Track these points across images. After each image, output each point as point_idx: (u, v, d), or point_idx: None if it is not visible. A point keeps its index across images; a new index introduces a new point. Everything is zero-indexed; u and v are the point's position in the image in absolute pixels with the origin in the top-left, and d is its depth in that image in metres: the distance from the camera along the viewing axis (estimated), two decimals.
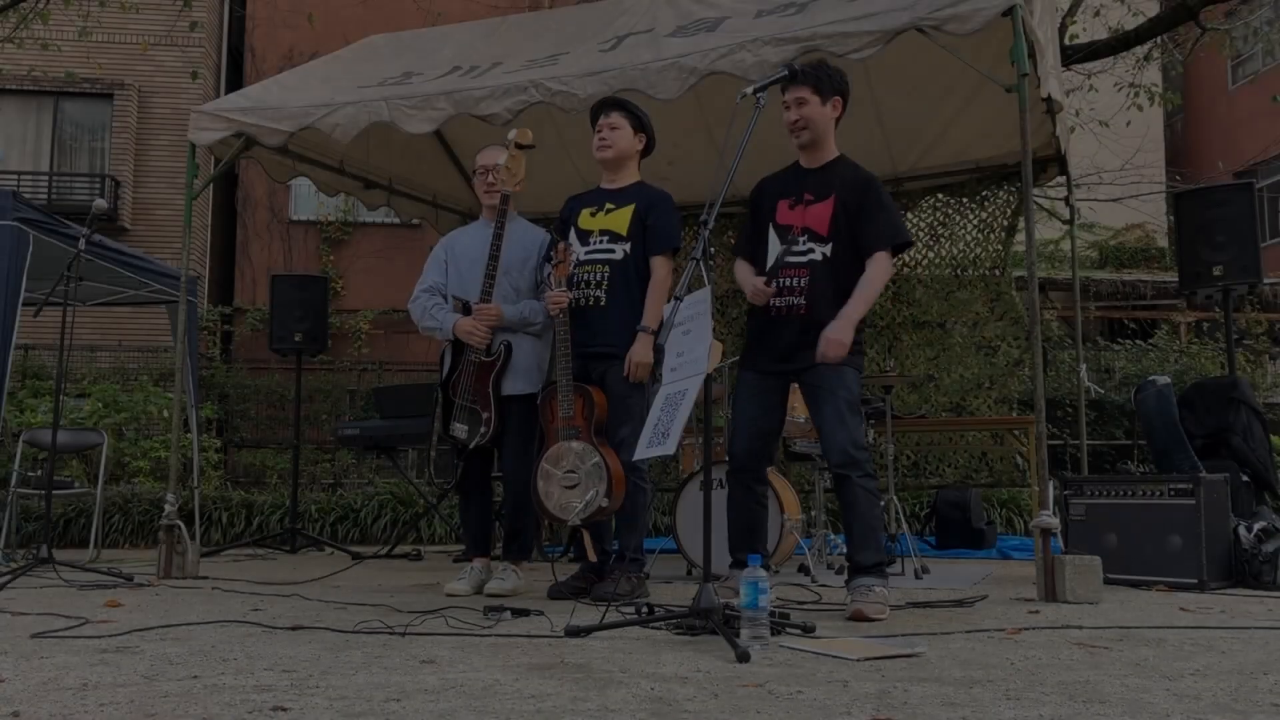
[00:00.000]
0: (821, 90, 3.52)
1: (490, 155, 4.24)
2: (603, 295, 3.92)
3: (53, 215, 5.67)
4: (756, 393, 3.60)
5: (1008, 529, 7.36)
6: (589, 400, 3.81)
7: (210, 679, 2.20)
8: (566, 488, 3.78)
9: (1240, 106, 18.70)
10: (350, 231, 14.56)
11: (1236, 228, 5.45)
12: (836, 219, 3.50)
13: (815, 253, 3.50)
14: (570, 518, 3.76)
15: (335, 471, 10.97)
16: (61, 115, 14.12)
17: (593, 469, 3.75)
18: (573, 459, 3.78)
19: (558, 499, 3.80)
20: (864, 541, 3.40)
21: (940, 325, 6.70)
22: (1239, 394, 5.12)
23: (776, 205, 3.62)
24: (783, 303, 3.53)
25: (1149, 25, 9.04)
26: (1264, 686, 2.14)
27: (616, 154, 4.01)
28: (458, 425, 4.04)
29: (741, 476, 3.61)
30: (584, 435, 3.79)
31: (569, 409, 3.80)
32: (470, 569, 4.13)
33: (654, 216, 3.95)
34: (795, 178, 3.64)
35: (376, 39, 5.87)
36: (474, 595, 4.00)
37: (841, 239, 3.49)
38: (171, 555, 4.90)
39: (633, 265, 3.94)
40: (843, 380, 3.43)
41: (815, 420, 3.51)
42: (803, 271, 3.50)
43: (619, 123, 4.01)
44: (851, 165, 3.61)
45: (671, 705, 1.93)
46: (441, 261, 4.26)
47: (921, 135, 6.15)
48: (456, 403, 4.05)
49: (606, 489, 3.72)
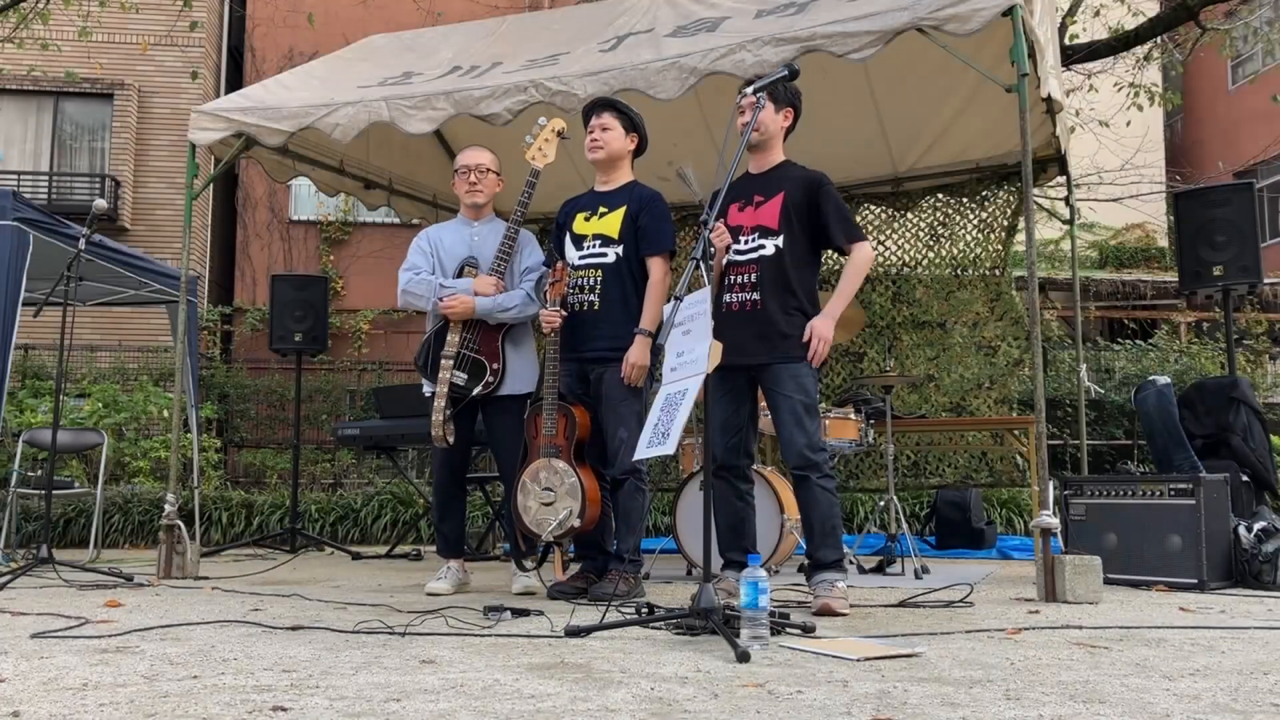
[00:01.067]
0: (776, 99, 3.64)
1: (472, 155, 4.26)
2: (596, 299, 3.92)
3: (53, 215, 5.67)
4: (722, 391, 3.68)
5: (1008, 529, 7.36)
6: (571, 420, 3.85)
7: (210, 679, 2.20)
8: (544, 504, 3.83)
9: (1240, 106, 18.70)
10: (350, 231, 14.56)
11: (1236, 228, 5.46)
12: (785, 213, 3.61)
13: (766, 247, 3.61)
14: (544, 534, 3.82)
15: (335, 471, 10.97)
16: (61, 115, 14.12)
17: (570, 488, 3.80)
18: (551, 476, 3.83)
19: (534, 514, 3.85)
20: (824, 540, 3.52)
21: (940, 325, 6.70)
22: (1239, 394, 5.12)
23: (728, 209, 3.73)
24: (736, 299, 3.63)
25: (1149, 25, 9.04)
26: (1264, 686, 2.14)
27: (608, 155, 4.00)
28: (457, 373, 4.00)
29: (721, 474, 3.69)
30: (564, 454, 3.83)
31: (551, 428, 3.84)
32: (448, 569, 4.16)
33: (645, 217, 3.94)
34: (745, 183, 3.76)
35: (376, 39, 5.87)
36: (454, 594, 4.04)
37: (792, 232, 3.60)
38: (171, 555, 4.90)
39: (625, 267, 3.93)
40: (799, 382, 3.53)
41: (773, 421, 3.60)
42: (752, 268, 3.62)
43: (610, 123, 4.00)
44: (798, 166, 3.73)
45: (671, 705, 1.93)
46: (427, 252, 4.24)
47: (921, 135, 6.15)
48: (459, 353, 4.01)
49: (580, 509, 3.77)
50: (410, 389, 6.95)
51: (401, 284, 4.16)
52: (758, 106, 3.42)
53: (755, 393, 3.71)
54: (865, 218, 6.78)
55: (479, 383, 4.00)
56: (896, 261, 6.78)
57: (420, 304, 4.11)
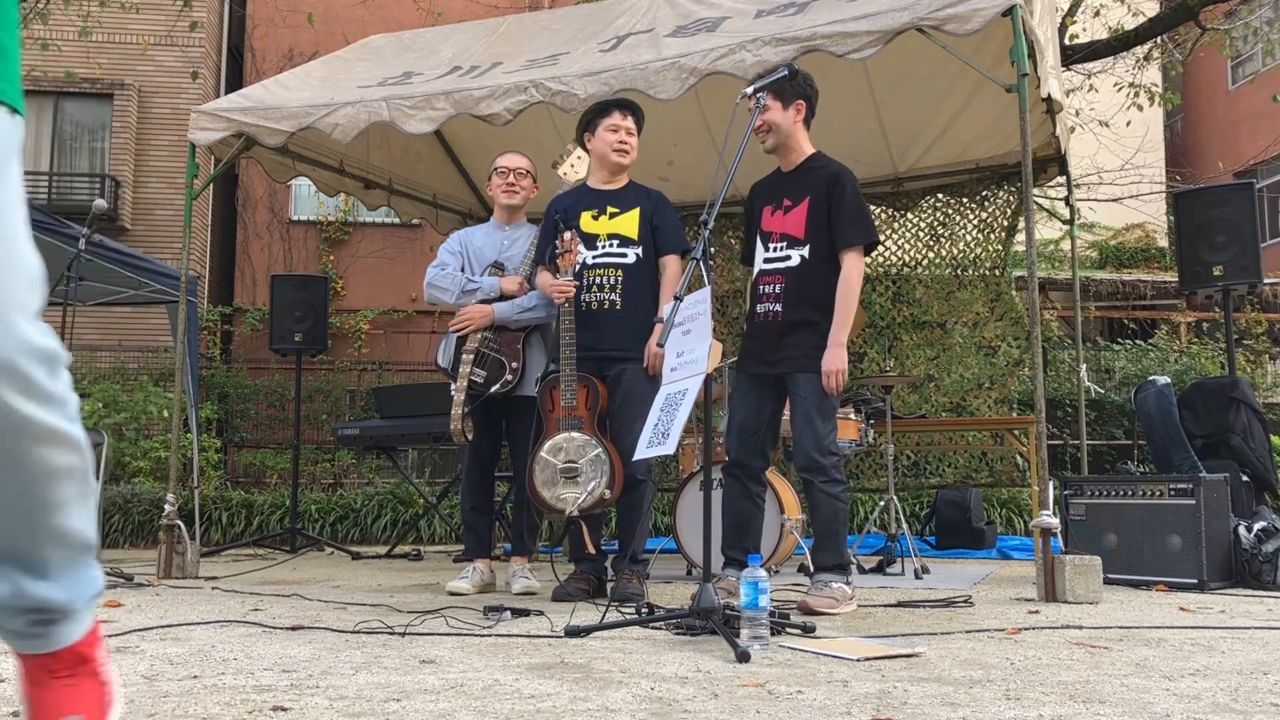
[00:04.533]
0: (783, 97, 3.62)
1: (512, 158, 4.30)
2: (618, 299, 3.91)
3: (53, 215, 5.67)
4: (744, 393, 3.71)
5: (1008, 529, 7.36)
6: (593, 390, 3.77)
7: (210, 679, 2.20)
8: (567, 478, 3.72)
9: (1240, 106, 18.69)
10: (350, 231, 14.56)
11: (1236, 228, 5.45)
12: (812, 220, 3.61)
13: (792, 258, 3.62)
14: (569, 508, 3.70)
15: (335, 471, 10.97)
16: (61, 115, 14.12)
17: (594, 460, 3.71)
18: (574, 450, 3.73)
19: (556, 490, 3.74)
20: (823, 543, 3.54)
21: (940, 325, 6.70)
22: (1239, 394, 5.12)
23: (762, 212, 3.75)
24: (763, 309, 3.66)
25: (1149, 25, 9.03)
26: (1264, 686, 2.14)
27: (632, 160, 4.04)
28: (476, 370, 4.00)
29: (735, 473, 3.69)
30: (586, 426, 3.75)
31: (571, 398, 3.74)
32: (473, 569, 4.14)
33: (660, 218, 3.99)
34: (778, 183, 3.75)
35: (376, 39, 5.87)
36: (476, 595, 4.02)
37: (818, 240, 3.60)
38: (171, 555, 4.90)
39: (645, 268, 3.96)
40: (814, 386, 3.52)
41: (790, 424, 3.62)
42: (779, 279, 3.64)
43: (633, 128, 4.04)
44: (824, 162, 3.71)
45: (671, 705, 1.93)
46: (456, 252, 4.27)
47: (921, 135, 6.15)
48: (480, 350, 4.01)
49: (609, 480, 3.69)
50: (410, 389, 6.96)
51: (427, 278, 4.19)
52: (757, 108, 3.42)
53: (782, 398, 3.71)
54: None
55: (498, 381, 4.00)
56: (896, 261, 6.78)
57: (444, 297, 4.15)
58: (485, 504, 4.25)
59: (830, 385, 3.48)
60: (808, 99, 3.69)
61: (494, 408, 4.11)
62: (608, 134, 3.99)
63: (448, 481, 8.44)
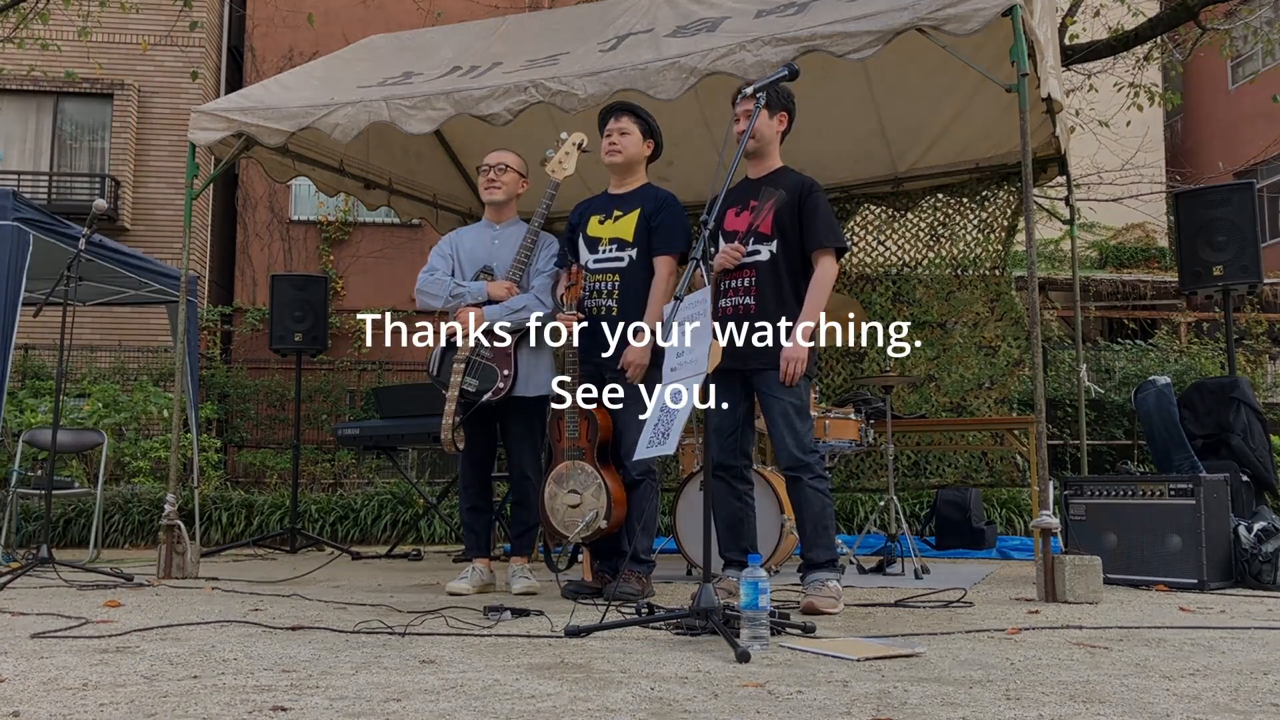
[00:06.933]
0: (770, 105, 3.68)
1: (495, 155, 4.31)
2: (614, 304, 3.93)
3: (53, 215, 5.67)
4: (718, 392, 3.70)
5: (1008, 529, 7.36)
6: (593, 423, 3.89)
7: (210, 679, 2.20)
8: (570, 506, 3.88)
9: (1240, 106, 18.69)
10: (350, 231, 14.56)
11: (1236, 228, 5.45)
12: (779, 218, 3.65)
13: (761, 253, 3.65)
14: (571, 535, 3.87)
15: (335, 471, 10.97)
16: (61, 115, 14.12)
17: (595, 490, 3.84)
18: (577, 479, 3.88)
19: (562, 516, 3.89)
20: (815, 539, 3.55)
21: (940, 325, 6.70)
22: (1239, 394, 5.11)
23: (725, 214, 3.78)
24: (730, 303, 3.68)
25: (1149, 25, 9.03)
26: (1264, 686, 2.14)
27: (626, 159, 4.01)
28: (468, 379, 4.02)
29: (720, 475, 3.71)
30: (588, 457, 3.88)
31: (574, 431, 3.89)
32: (472, 569, 4.14)
33: (659, 218, 3.95)
34: (743, 188, 3.79)
35: (376, 39, 5.87)
36: (475, 595, 4.02)
37: (786, 237, 3.64)
38: (171, 555, 4.90)
39: (640, 270, 3.94)
40: (790, 386, 3.54)
41: (766, 424, 3.64)
42: (750, 272, 3.66)
43: (629, 127, 4.01)
44: (793, 172, 3.77)
45: (671, 705, 1.93)
46: (446, 255, 4.27)
47: (921, 135, 6.14)
48: (470, 359, 4.02)
49: (606, 511, 3.82)
50: (410, 389, 6.96)
51: (418, 285, 4.23)
52: (756, 109, 3.42)
53: (750, 394, 3.73)
54: (865, 218, 6.77)
55: (489, 389, 4.00)
56: (896, 261, 6.78)
57: (434, 303, 4.16)
58: (483, 504, 4.25)
59: (787, 373, 3.50)
60: (789, 113, 3.77)
61: (489, 410, 4.11)
62: (603, 140, 4.03)
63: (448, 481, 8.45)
